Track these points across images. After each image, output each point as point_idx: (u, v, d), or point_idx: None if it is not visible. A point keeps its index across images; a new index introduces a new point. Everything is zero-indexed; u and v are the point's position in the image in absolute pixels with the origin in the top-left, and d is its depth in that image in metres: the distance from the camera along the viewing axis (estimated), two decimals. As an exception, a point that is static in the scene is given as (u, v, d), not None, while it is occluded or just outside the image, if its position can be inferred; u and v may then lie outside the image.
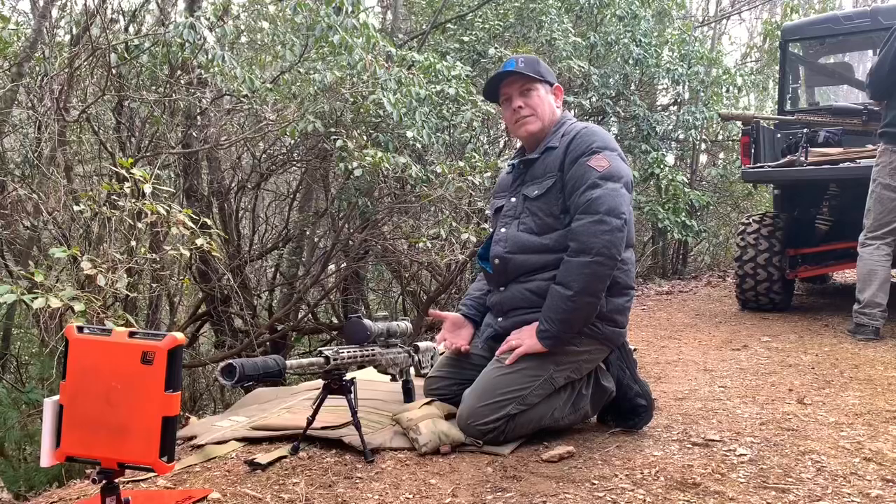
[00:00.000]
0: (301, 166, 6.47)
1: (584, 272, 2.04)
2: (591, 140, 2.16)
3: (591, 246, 2.03)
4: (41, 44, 4.81)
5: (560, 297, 2.08)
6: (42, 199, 4.21)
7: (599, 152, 2.13)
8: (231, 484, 1.88)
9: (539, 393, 2.14)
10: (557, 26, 7.04)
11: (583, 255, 2.05)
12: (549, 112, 2.29)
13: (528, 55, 2.35)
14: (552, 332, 2.10)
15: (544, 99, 2.29)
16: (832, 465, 1.96)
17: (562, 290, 2.07)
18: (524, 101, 2.27)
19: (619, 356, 2.33)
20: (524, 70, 2.26)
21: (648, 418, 2.30)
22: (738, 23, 15.78)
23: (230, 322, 6.24)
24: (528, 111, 2.27)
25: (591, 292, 2.07)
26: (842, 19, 5.29)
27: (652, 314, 5.16)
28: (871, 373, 3.08)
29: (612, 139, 2.22)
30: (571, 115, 2.36)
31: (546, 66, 2.35)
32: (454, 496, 1.79)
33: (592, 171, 2.09)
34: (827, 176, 4.64)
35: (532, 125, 2.28)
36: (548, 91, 2.31)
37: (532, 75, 2.26)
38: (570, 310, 2.08)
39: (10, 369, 5.37)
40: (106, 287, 3.09)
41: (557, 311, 2.09)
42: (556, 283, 2.09)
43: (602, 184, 2.07)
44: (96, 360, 1.47)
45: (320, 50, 4.94)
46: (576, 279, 2.05)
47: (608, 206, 2.04)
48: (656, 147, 7.64)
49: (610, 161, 2.11)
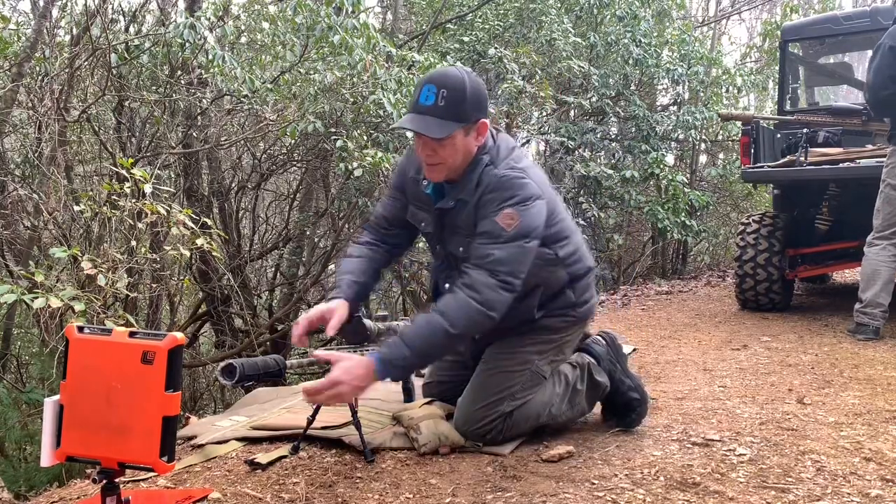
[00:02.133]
0: (301, 166, 6.48)
1: (473, 319, 1.92)
2: (501, 196, 1.98)
3: (485, 300, 1.92)
4: (41, 44, 4.82)
5: (439, 331, 1.90)
6: (42, 199, 4.21)
7: (509, 207, 1.97)
8: (231, 484, 1.89)
9: (528, 385, 2.15)
10: (557, 26, 7.05)
11: (476, 301, 1.92)
12: (464, 155, 2.03)
13: (455, 86, 1.97)
14: (402, 363, 1.89)
15: (459, 147, 2.00)
16: (832, 465, 1.96)
17: (444, 324, 1.90)
18: (434, 151, 2.00)
19: (609, 351, 2.36)
20: (433, 134, 1.95)
21: (644, 412, 2.31)
22: (737, 23, 15.78)
23: (230, 322, 6.25)
24: (437, 160, 2.02)
25: (464, 337, 1.99)
26: (842, 19, 5.29)
27: (652, 314, 5.16)
28: (870, 373, 3.08)
29: (526, 185, 2.00)
30: (491, 146, 2.08)
31: (476, 92, 2.00)
32: (454, 496, 1.79)
33: (499, 229, 1.96)
34: (827, 176, 4.64)
35: (438, 175, 2.06)
36: (468, 132, 2.00)
37: (441, 137, 1.95)
38: (441, 346, 1.96)
39: (11, 369, 5.37)
40: (106, 287, 3.10)
41: (426, 342, 1.91)
42: (440, 312, 1.91)
43: (505, 245, 1.95)
44: (96, 360, 1.47)
45: (320, 50, 4.95)
46: (463, 321, 1.91)
47: (508, 269, 1.95)
48: (656, 147, 7.64)
49: (520, 216, 1.96)
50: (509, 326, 2.16)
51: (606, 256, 8.42)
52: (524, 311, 2.16)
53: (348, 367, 1.82)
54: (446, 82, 1.97)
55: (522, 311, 2.15)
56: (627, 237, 8.72)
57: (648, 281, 7.72)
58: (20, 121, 5.44)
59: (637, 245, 9.44)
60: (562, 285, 2.19)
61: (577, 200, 7.18)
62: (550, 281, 2.17)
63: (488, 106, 2.08)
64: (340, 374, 1.81)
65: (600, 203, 7.50)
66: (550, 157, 7.57)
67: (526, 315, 2.17)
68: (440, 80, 1.99)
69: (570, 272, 2.18)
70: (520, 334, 2.19)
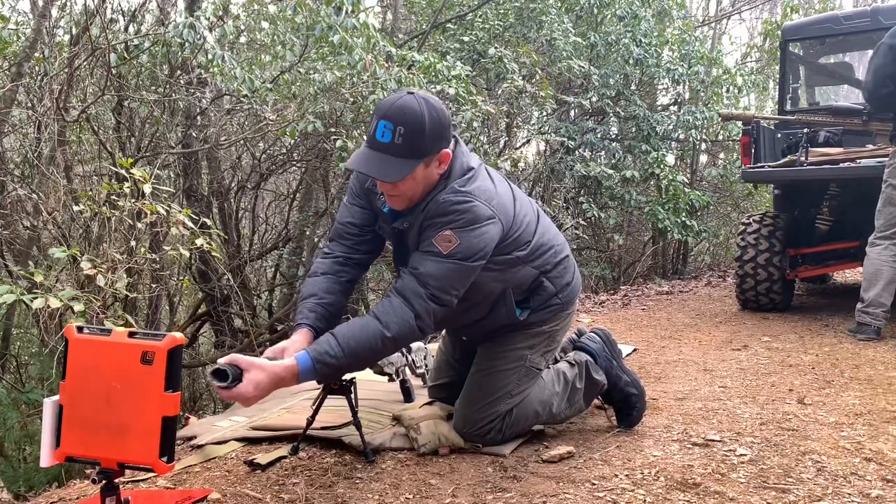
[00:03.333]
0: (301, 166, 6.48)
1: (408, 325, 1.86)
2: (441, 221, 1.89)
3: (415, 309, 1.86)
4: (41, 44, 4.81)
5: (375, 334, 1.83)
6: (42, 199, 4.21)
7: (447, 230, 1.88)
8: (231, 484, 1.88)
9: (524, 381, 2.14)
10: (557, 26, 7.05)
11: (410, 310, 1.86)
12: (425, 186, 1.93)
13: (412, 122, 1.84)
14: (333, 362, 1.78)
15: (419, 180, 1.90)
16: (832, 466, 1.96)
17: (380, 327, 1.83)
18: (394, 186, 1.90)
19: (604, 347, 2.36)
20: (389, 178, 1.86)
21: (643, 407, 2.32)
22: (738, 23, 15.78)
23: (230, 322, 6.24)
24: (397, 192, 1.92)
25: (398, 344, 1.92)
26: (842, 19, 5.29)
27: (652, 314, 5.15)
28: (871, 373, 3.08)
29: (468, 209, 1.88)
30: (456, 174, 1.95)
31: (436, 125, 1.87)
32: (454, 496, 1.79)
33: (436, 249, 1.88)
34: (827, 176, 4.63)
35: (399, 205, 1.97)
36: (429, 164, 1.89)
37: (396, 181, 1.86)
38: (374, 349, 1.85)
39: (10, 369, 5.37)
40: (106, 287, 3.09)
41: (360, 344, 1.82)
42: (375, 316, 1.85)
43: (440, 260, 1.88)
44: (96, 361, 1.46)
45: (320, 50, 4.94)
46: (397, 326, 1.85)
47: (438, 284, 1.87)
48: (656, 147, 7.63)
49: (458, 239, 1.87)
50: (498, 327, 2.16)
51: (606, 256, 8.42)
52: (505, 317, 2.12)
53: (258, 381, 1.69)
54: (403, 118, 1.83)
55: (502, 317, 2.12)
56: (628, 237, 8.71)
57: (649, 281, 7.71)
58: (19, 120, 5.43)
59: (637, 245, 9.43)
60: (534, 279, 2.13)
61: (577, 200, 7.18)
62: (517, 280, 2.10)
63: (450, 133, 1.94)
64: (248, 387, 1.67)
65: (600, 203, 7.50)
66: (550, 157, 7.57)
67: (509, 320, 2.13)
68: (397, 116, 1.84)
69: (536, 266, 2.11)
70: (510, 332, 2.17)
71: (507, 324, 2.15)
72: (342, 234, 2.13)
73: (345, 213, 2.15)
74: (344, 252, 2.11)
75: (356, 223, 2.12)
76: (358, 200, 2.13)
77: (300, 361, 1.76)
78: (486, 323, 2.14)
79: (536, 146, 8.93)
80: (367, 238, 2.13)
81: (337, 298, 2.04)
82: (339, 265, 2.09)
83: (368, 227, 2.12)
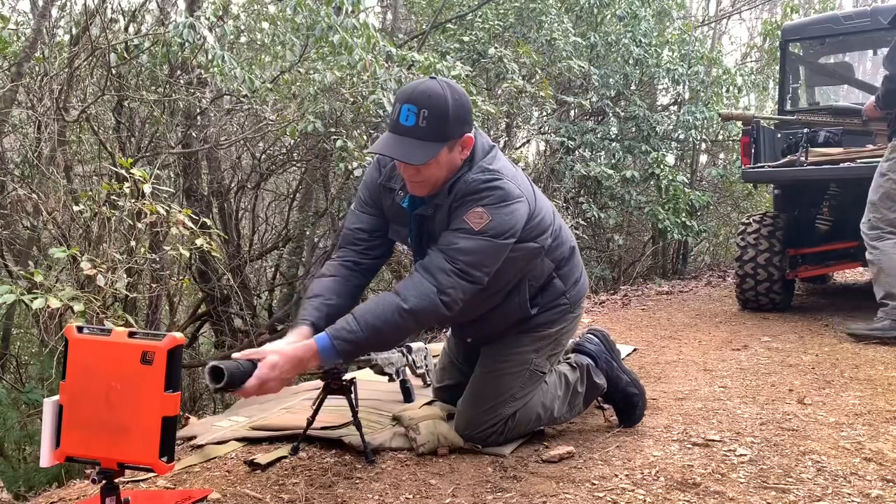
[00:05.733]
0: (301, 166, 6.48)
1: (428, 299, 1.84)
2: (473, 199, 1.90)
3: (439, 283, 1.85)
4: (41, 44, 4.81)
5: (392, 305, 1.83)
6: (42, 199, 4.20)
7: (480, 207, 1.89)
8: (231, 484, 1.88)
9: (529, 384, 2.14)
10: (557, 26, 7.05)
11: (433, 285, 1.85)
12: (448, 170, 1.93)
13: (437, 105, 1.85)
14: (351, 338, 1.78)
15: (443, 164, 1.91)
16: (832, 466, 1.96)
17: (397, 299, 1.83)
18: (417, 171, 1.90)
19: (603, 349, 2.36)
20: (415, 161, 1.85)
21: (644, 405, 2.33)
22: (738, 23, 15.77)
23: (230, 322, 6.24)
24: (421, 178, 1.93)
25: (418, 318, 1.87)
26: (842, 19, 5.29)
27: (652, 314, 5.15)
28: (871, 373, 3.08)
29: (499, 186, 1.90)
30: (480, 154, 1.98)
31: (459, 108, 1.88)
32: (454, 496, 1.79)
33: (467, 226, 1.88)
34: (827, 176, 4.63)
35: (422, 191, 1.97)
36: (452, 148, 1.90)
37: (422, 163, 1.86)
38: (393, 323, 1.83)
39: (10, 369, 5.37)
40: (106, 287, 3.09)
41: (376, 317, 1.82)
42: (395, 291, 1.87)
43: (472, 237, 1.88)
44: (96, 361, 1.46)
45: (320, 50, 4.94)
46: (415, 297, 1.84)
47: (469, 259, 1.86)
48: (656, 147, 7.64)
49: (490, 216, 1.88)
50: (507, 327, 2.16)
51: (606, 256, 8.41)
52: (518, 309, 2.13)
53: (273, 362, 1.70)
54: (428, 101, 1.84)
55: (515, 308, 2.12)
56: (627, 237, 8.71)
57: (649, 281, 7.71)
58: (19, 120, 5.43)
59: (637, 245, 9.43)
60: (548, 275, 2.15)
61: (577, 200, 7.19)
62: (535, 272, 2.11)
63: (472, 118, 1.97)
64: (267, 371, 1.69)
65: (600, 203, 7.50)
66: (550, 157, 7.57)
67: (522, 313, 2.13)
68: (421, 99, 1.85)
69: (553, 259, 2.14)
70: (516, 334, 2.17)
71: (520, 319, 2.14)
72: (351, 240, 2.13)
73: (353, 219, 2.16)
74: (353, 257, 2.11)
75: (365, 228, 2.12)
76: (367, 208, 2.14)
77: (318, 340, 1.77)
78: (498, 315, 2.12)
79: (536, 146, 8.94)
80: (377, 243, 2.13)
81: (343, 302, 2.01)
82: (348, 269, 2.08)
83: (378, 232, 2.13)
